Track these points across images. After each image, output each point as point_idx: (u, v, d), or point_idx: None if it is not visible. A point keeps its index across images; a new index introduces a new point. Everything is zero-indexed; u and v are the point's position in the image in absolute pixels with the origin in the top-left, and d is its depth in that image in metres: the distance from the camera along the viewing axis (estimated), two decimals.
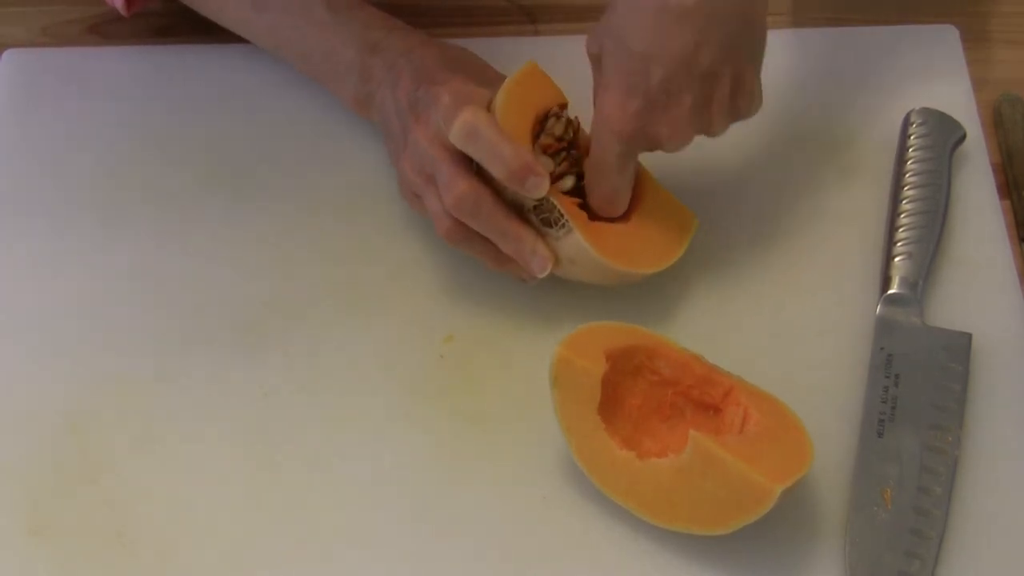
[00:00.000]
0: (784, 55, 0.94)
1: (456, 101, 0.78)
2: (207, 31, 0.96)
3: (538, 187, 0.77)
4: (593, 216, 0.80)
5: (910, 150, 0.87)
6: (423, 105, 0.81)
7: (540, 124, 0.80)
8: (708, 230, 0.85)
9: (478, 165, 0.78)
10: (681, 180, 0.85)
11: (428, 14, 0.99)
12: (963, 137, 0.88)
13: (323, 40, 0.87)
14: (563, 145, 0.80)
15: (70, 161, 0.91)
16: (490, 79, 0.84)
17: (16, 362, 0.82)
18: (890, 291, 0.82)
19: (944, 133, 0.88)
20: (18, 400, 0.81)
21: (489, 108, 0.78)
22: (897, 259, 0.83)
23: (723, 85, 0.75)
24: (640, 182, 0.82)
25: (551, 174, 0.78)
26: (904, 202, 0.85)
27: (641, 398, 0.76)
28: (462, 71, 0.83)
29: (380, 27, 0.87)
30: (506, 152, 0.76)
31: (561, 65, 0.93)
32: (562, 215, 0.78)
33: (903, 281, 0.82)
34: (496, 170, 0.76)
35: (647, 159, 0.82)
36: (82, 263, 0.86)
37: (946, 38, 0.95)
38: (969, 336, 0.80)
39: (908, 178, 0.86)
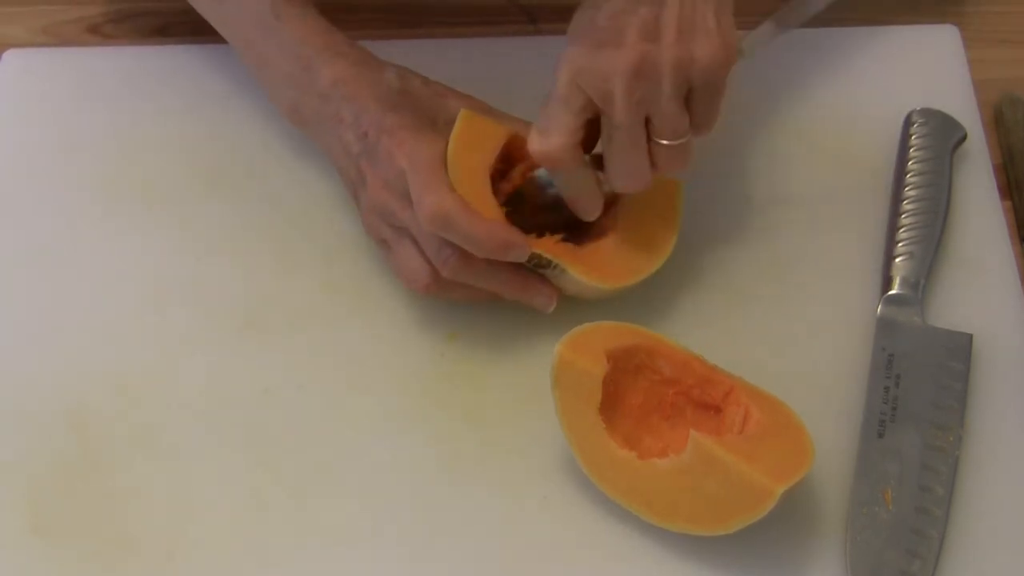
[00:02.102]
0: (785, 55, 0.93)
1: (414, 169, 0.76)
2: (205, 31, 0.96)
3: (520, 255, 0.76)
4: (580, 240, 0.80)
5: (911, 150, 0.87)
6: (376, 159, 0.79)
7: (498, 170, 0.79)
8: (708, 230, 0.85)
9: None
10: (680, 181, 0.85)
11: (427, 13, 0.99)
12: (964, 137, 0.88)
13: (265, 48, 0.84)
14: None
15: (70, 161, 0.91)
16: (436, 106, 0.81)
17: (17, 361, 0.82)
18: (891, 291, 0.82)
19: (945, 133, 0.88)
20: (19, 399, 0.81)
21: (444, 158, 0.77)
22: (898, 259, 0.83)
23: (671, 9, 0.72)
24: None
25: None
26: (905, 202, 0.85)
27: (642, 397, 0.76)
28: (406, 109, 0.79)
29: (312, 43, 0.82)
30: (481, 235, 0.75)
31: None
32: (551, 260, 0.78)
33: (904, 281, 0.82)
34: (475, 252, 0.76)
35: None
36: (82, 262, 0.86)
37: (947, 38, 0.95)
38: (970, 336, 0.80)
39: (909, 178, 0.86)
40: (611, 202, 0.81)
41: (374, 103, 0.79)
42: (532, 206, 0.81)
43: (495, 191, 0.78)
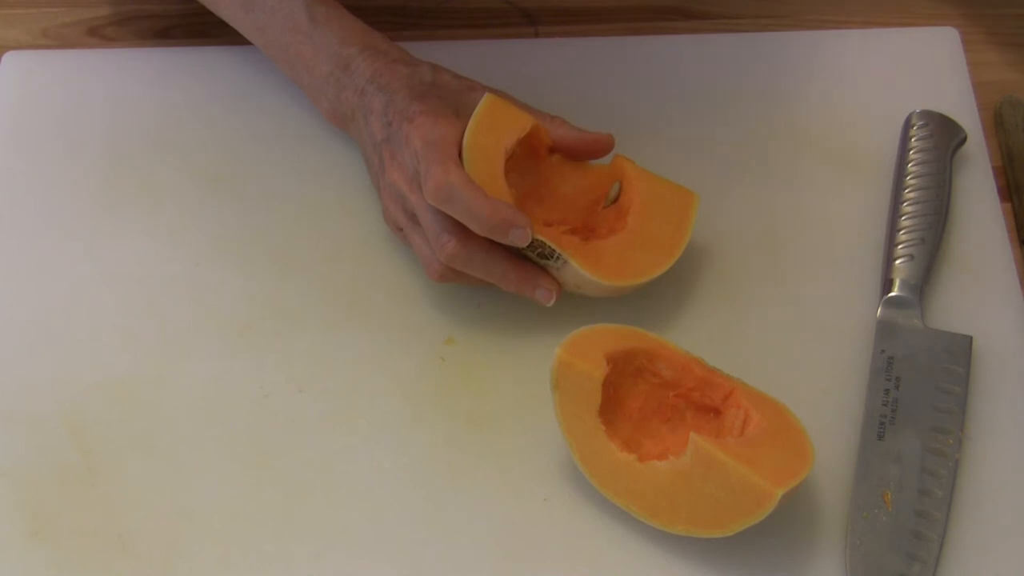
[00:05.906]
0: (785, 57, 0.94)
1: (426, 147, 0.77)
2: (206, 33, 0.96)
3: (522, 237, 0.76)
4: (588, 236, 0.80)
5: (911, 152, 0.87)
6: (396, 144, 0.80)
7: (522, 163, 0.80)
8: (707, 232, 0.85)
9: None
10: (681, 183, 0.85)
11: (428, 16, 0.99)
12: (964, 139, 0.88)
13: (303, 50, 0.86)
14: None
15: (70, 163, 0.91)
16: (463, 98, 0.83)
17: (16, 364, 0.82)
18: (891, 294, 0.82)
19: (945, 135, 0.88)
20: (18, 402, 0.81)
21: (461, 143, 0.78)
22: (898, 262, 0.83)
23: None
24: (631, 180, 0.82)
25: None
26: (905, 204, 0.85)
27: (642, 400, 0.76)
28: (432, 97, 0.81)
29: (354, 44, 0.85)
30: (483, 211, 0.75)
31: (560, 67, 0.93)
32: (555, 249, 0.78)
33: (904, 284, 0.82)
34: (476, 229, 0.76)
35: (647, 156, 0.82)
36: (81, 264, 0.86)
37: (947, 40, 0.95)
38: (970, 339, 0.80)
39: (909, 180, 0.86)
40: (624, 207, 0.81)
41: (403, 93, 0.81)
42: (551, 198, 0.81)
43: (513, 183, 0.78)
